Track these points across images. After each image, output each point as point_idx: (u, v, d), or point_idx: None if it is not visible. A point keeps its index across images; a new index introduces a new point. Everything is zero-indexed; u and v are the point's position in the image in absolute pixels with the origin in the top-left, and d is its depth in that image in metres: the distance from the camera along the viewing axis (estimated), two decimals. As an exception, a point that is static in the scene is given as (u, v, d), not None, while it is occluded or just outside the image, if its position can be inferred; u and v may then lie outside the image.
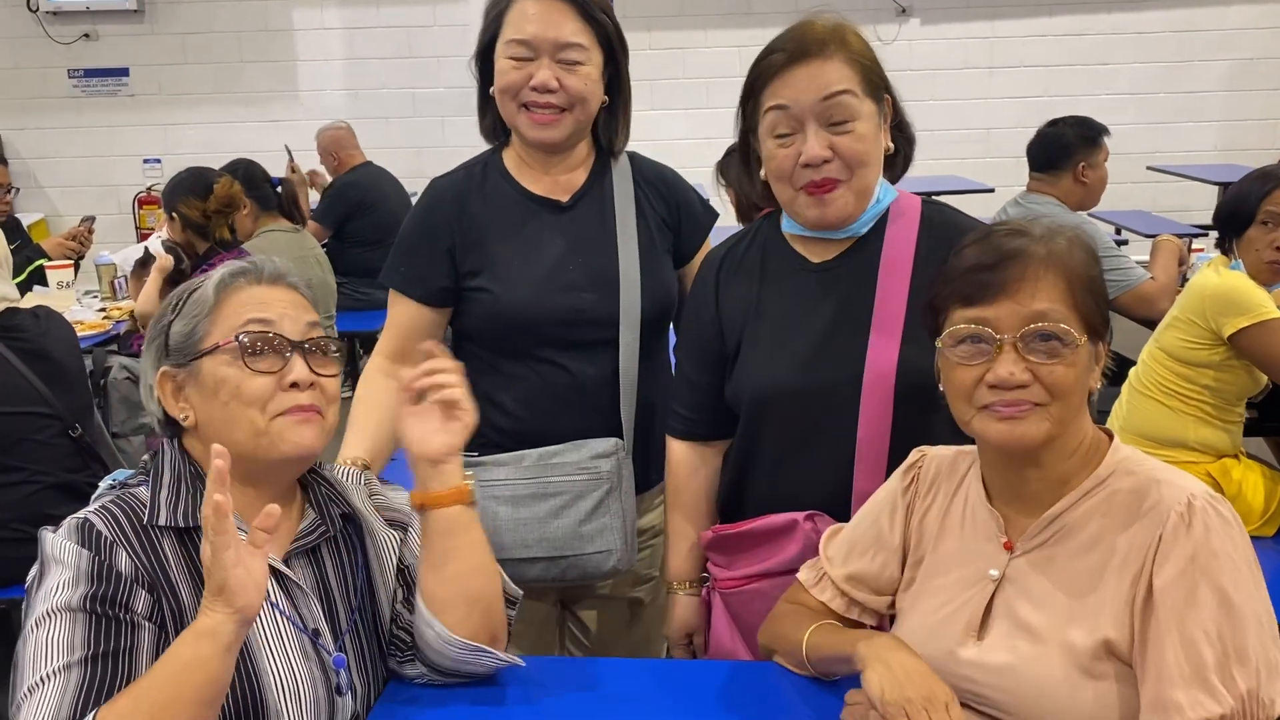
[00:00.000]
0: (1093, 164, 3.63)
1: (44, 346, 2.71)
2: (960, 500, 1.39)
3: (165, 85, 7.54)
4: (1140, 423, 2.75)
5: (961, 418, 1.31)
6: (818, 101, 1.52)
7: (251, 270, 1.39)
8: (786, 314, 1.63)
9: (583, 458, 1.84)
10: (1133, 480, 1.26)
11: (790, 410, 1.61)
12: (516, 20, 1.78)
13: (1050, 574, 1.28)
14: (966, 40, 7.45)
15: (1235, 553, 1.19)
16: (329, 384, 1.37)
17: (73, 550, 1.23)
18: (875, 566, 1.45)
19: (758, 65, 1.59)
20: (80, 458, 2.71)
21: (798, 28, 1.58)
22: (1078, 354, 1.24)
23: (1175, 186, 6.42)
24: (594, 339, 1.84)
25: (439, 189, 1.90)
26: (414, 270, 1.87)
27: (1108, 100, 7.25)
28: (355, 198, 5.59)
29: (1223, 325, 2.57)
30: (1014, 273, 1.25)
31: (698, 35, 7.40)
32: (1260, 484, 2.71)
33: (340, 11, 7.45)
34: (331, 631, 1.37)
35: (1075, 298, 1.25)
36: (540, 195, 1.87)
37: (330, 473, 1.49)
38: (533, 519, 1.84)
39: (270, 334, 1.33)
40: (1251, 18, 7.43)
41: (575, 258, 1.84)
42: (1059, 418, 1.25)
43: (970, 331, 1.26)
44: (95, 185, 7.60)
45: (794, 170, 1.55)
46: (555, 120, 1.79)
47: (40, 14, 7.37)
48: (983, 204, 5.32)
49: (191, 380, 1.34)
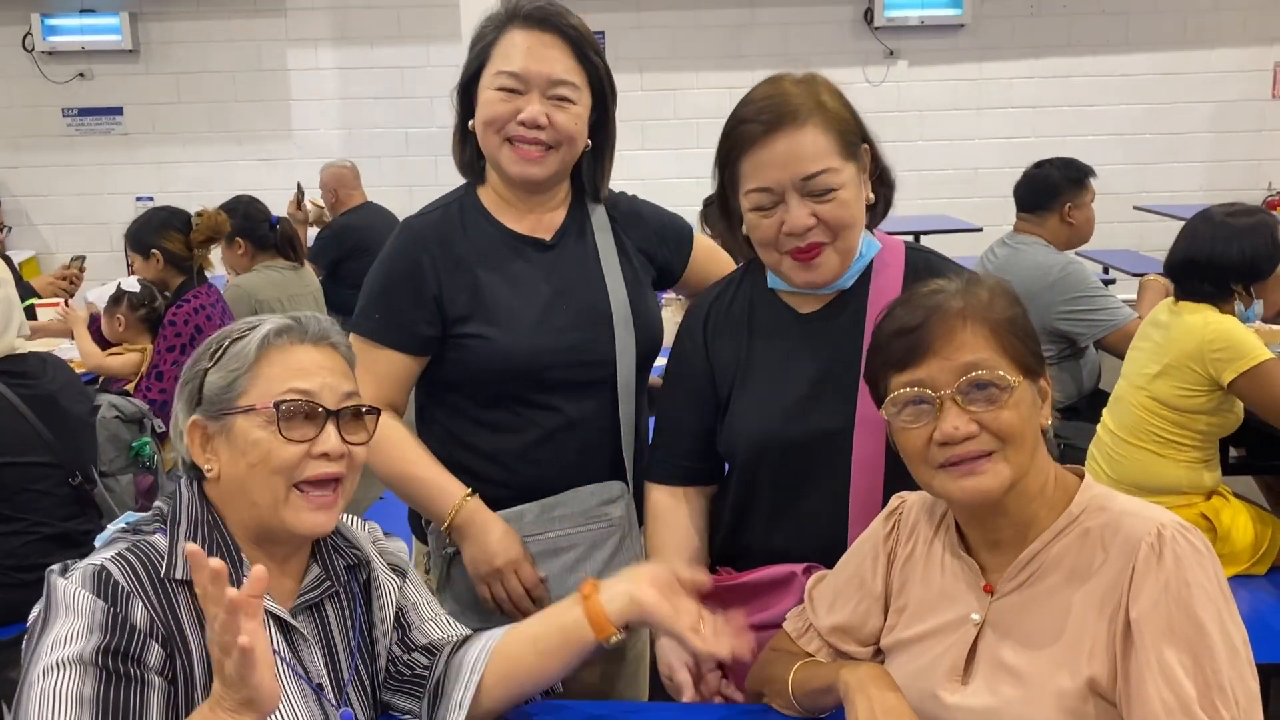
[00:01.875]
0: (1079, 205, 3.65)
1: (50, 392, 2.67)
2: (939, 545, 1.40)
3: (159, 124, 7.58)
4: (1134, 473, 2.75)
5: (922, 479, 1.31)
6: (798, 180, 1.51)
7: (297, 329, 1.35)
8: (776, 366, 1.63)
9: (590, 506, 1.77)
10: (1104, 516, 1.27)
11: (783, 461, 1.61)
12: (507, 52, 1.72)
13: (1030, 615, 1.28)
14: (954, 81, 7.54)
15: (1208, 582, 1.19)
16: (358, 453, 1.35)
17: (87, 600, 1.20)
18: (859, 616, 1.45)
19: (732, 135, 1.56)
20: (78, 504, 2.68)
21: (771, 93, 1.54)
22: (1017, 396, 1.26)
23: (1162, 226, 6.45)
24: (590, 379, 1.78)
25: (417, 230, 1.79)
26: (393, 317, 1.75)
27: (1095, 141, 7.34)
28: (350, 241, 5.60)
29: (1222, 371, 2.59)
30: (936, 330, 1.27)
31: (688, 77, 7.48)
32: (1250, 524, 2.72)
33: (334, 52, 7.51)
34: (334, 683, 1.36)
35: (1001, 342, 1.27)
36: (524, 234, 1.80)
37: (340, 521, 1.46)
38: (550, 576, 1.75)
39: (309, 403, 1.30)
40: (1235, 61, 7.54)
41: (567, 297, 1.78)
42: (1015, 462, 1.26)
43: (909, 395, 1.28)
44: (87, 223, 7.61)
45: (778, 238, 1.54)
46: (541, 157, 1.73)
47: (36, 54, 7.42)
48: (971, 243, 5.37)
49: (222, 434, 1.31)
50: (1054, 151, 4.10)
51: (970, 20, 7.42)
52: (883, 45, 7.48)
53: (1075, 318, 3.51)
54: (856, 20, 7.49)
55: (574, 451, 1.78)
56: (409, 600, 1.47)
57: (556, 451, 1.77)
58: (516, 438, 1.77)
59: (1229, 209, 2.78)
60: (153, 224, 3.85)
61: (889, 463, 1.55)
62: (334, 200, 5.82)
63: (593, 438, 1.80)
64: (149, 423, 3.35)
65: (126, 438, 3.33)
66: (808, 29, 7.43)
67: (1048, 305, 3.51)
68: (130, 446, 3.32)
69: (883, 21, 7.37)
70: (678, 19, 7.47)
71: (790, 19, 7.45)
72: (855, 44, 7.44)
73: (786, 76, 1.58)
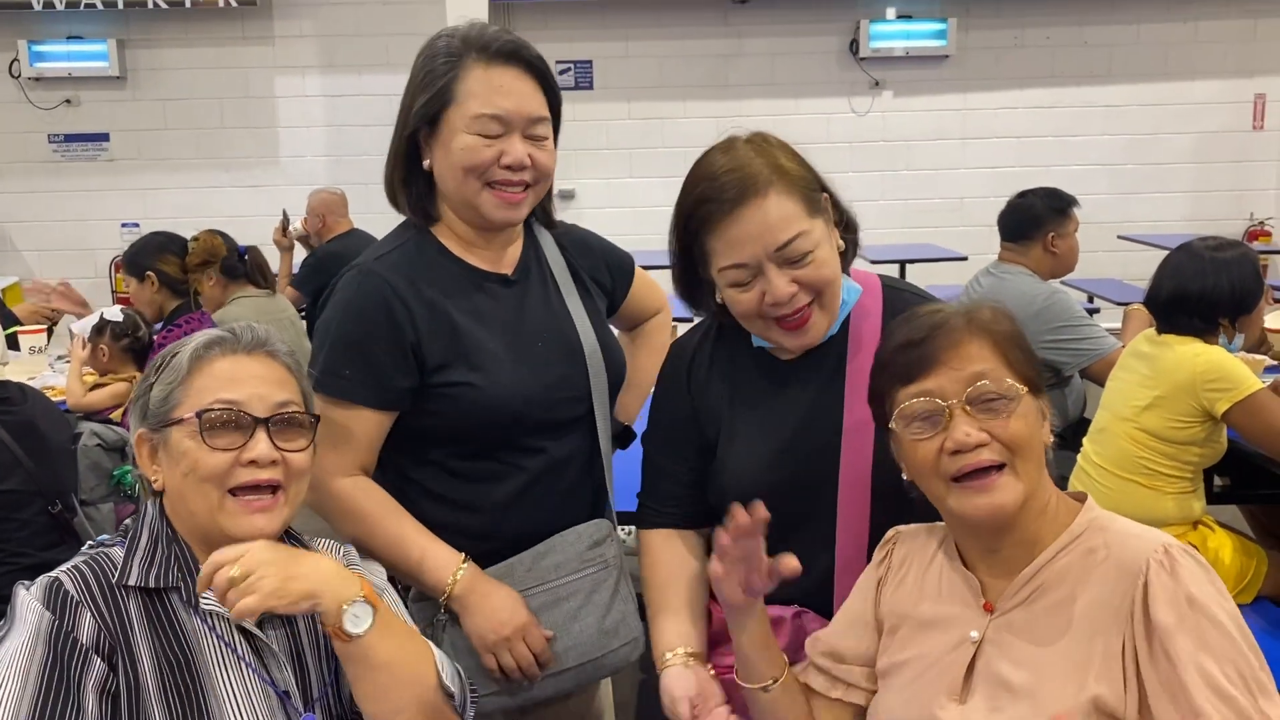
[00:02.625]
0: (1062, 234, 3.67)
1: (30, 419, 2.66)
2: (936, 568, 1.40)
3: (145, 150, 7.57)
4: (1123, 506, 2.73)
5: (935, 494, 1.31)
6: (772, 251, 1.47)
7: (229, 340, 1.37)
8: (759, 414, 1.61)
9: (581, 550, 1.72)
10: (1105, 535, 1.28)
11: (770, 507, 1.60)
12: (482, 93, 1.61)
13: (1031, 633, 1.28)
14: (939, 112, 7.60)
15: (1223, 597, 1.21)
16: (295, 459, 1.35)
17: (35, 610, 1.24)
18: (851, 642, 1.45)
19: (696, 215, 1.50)
20: (57, 533, 2.66)
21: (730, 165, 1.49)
22: (1023, 406, 1.28)
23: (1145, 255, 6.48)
24: (568, 416, 1.72)
25: (380, 276, 1.64)
26: (367, 372, 1.61)
27: (1079, 171, 7.40)
28: (336, 268, 5.54)
29: (1216, 402, 2.60)
30: (943, 342, 1.30)
31: (676, 106, 7.51)
32: (1235, 553, 2.72)
33: (322, 79, 7.53)
34: (303, 695, 1.35)
35: (1006, 355, 1.31)
36: (488, 270, 1.71)
37: (310, 543, 1.47)
38: (554, 628, 1.68)
39: (235, 411, 1.32)
40: (1216, 93, 7.63)
41: (540, 333, 1.71)
42: (1026, 474, 1.27)
43: (919, 406, 1.29)
44: (72, 249, 7.58)
45: (761, 308, 1.51)
46: (522, 199, 1.65)
47: (22, 79, 7.41)
48: (956, 272, 5.39)
49: (163, 446, 1.36)
50: (1038, 181, 4.13)
51: (955, 52, 7.49)
52: (868, 76, 7.54)
53: (1060, 347, 3.52)
54: (842, 51, 7.55)
55: (557, 493, 1.72)
56: None
57: (541, 496, 1.70)
58: (499, 486, 1.69)
59: (1211, 243, 2.79)
60: (149, 247, 3.84)
61: (874, 507, 1.54)
62: (321, 226, 5.80)
63: (574, 476, 1.75)
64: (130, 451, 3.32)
65: (108, 466, 3.30)
66: (794, 59, 7.49)
67: (1033, 334, 3.47)
68: (111, 475, 3.29)
69: (868, 52, 7.43)
70: (665, 49, 7.52)
71: (776, 49, 7.51)
72: (841, 75, 7.49)
73: (738, 141, 1.54)
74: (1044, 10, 7.51)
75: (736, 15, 7.48)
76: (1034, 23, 7.54)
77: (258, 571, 1.25)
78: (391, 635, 1.35)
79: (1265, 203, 7.75)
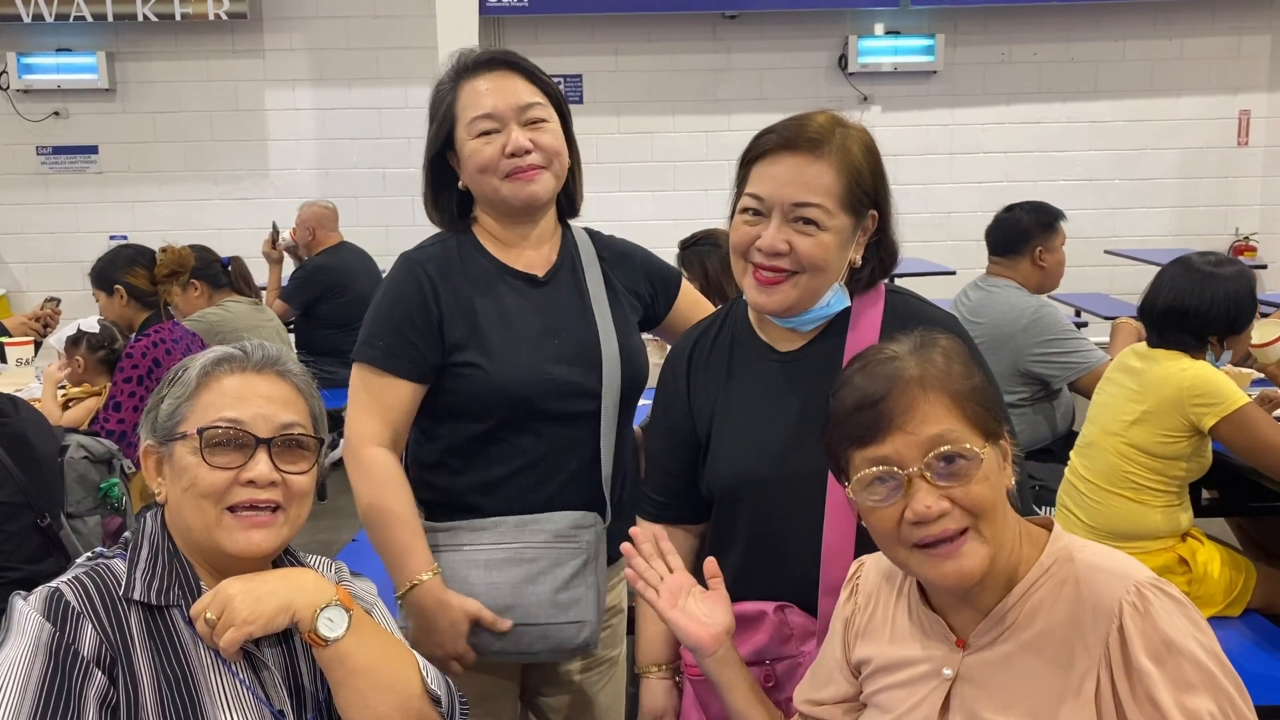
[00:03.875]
0: (1049, 248, 3.69)
1: (21, 431, 2.65)
2: (904, 604, 1.39)
3: (134, 163, 7.55)
4: (1113, 520, 2.75)
5: (897, 560, 1.29)
6: (789, 203, 1.53)
7: (239, 357, 1.37)
8: (754, 405, 1.64)
9: (562, 527, 1.81)
10: (1074, 568, 1.26)
11: (759, 500, 1.61)
12: (471, 101, 1.79)
13: (1006, 670, 1.27)
14: (927, 127, 7.64)
15: (1200, 632, 1.20)
16: (296, 481, 1.34)
17: (36, 622, 1.23)
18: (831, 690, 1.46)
19: (756, 140, 1.60)
20: (45, 546, 2.64)
21: (802, 116, 1.58)
22: (985, 467, 1.23)
23: (1132, 270, 6.54)
24: (577, 411, 1.83)
25: (417, 262, 1.84)
26: (399, 344, 1.79)
27: (1066, 186, 7.44)
28: (325, 281, 5.61)
29: (1203, 417, 2.61)
30: (897, 403, 1.24)
31: (665, 120, 7.53)
32: (1223, 566, 2.73)
33: (312, 92, 7.53)
34: (297, 715, 1.35)
35: (964, 411, 1.25)
36: (519, 269, 1.86)
37: (305, 559, 1.47)
38: (507, 584, 1.79)
39: (236, 430, 1.32)
40: (1200, 109, 7.68)
41: (559, 331, 1.83)
42: (991, 536, 1.23)
43: (876, 474, 1.24)
44: (60, 261, 7.55)
45: (749, 248, 1.57)
46: (537, 175, 1.79)
47: (11, 92, 7.39)
48: (945, 286, 5.42)
49: (168, 460, 1.35)
50: (1026, 196, 4.15)
51: (943, 67, 7.53)
52: (856, 91, 7.57)
53: (1048, 360, 3.54)
54: (831, 66, 7.58)
55: (556, 481, 1.82)
56: None
57: (540, 480, 1.82)
58: (497, 465, 1.81)
59: (1210, 259, 2.80)
60: (118, 260, 3.85)
61: None
62: (311, 239, 5.81)
63: (575, 468, 1.83)
64: (118, 463, 3.31)
65: (95, 478, 3.28)
66: (782, 74, 7.52)
67: (1021, 348, 3.53)
68: (99, 487, 3.27)
69: (856, 68, 7.47)
70: (654, 63, 7.54)
71: (765, 64, 7.54)
72: (829, 89, 7.52)
73: (828, 111, 1.61)
74: (1031, 27, 7.56)
75: (726, 30, 7.52)
76: (1021, 39, 7.59)
77: (229, 605, 1.26)
78: (370, 640, 1.34)
79: (1250, 218, 7.80)
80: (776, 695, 1.60)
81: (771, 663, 1.61)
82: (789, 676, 1.60)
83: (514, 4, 7.11)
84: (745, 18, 7.45)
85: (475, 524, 1.81)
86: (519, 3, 7.11)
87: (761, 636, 1.58)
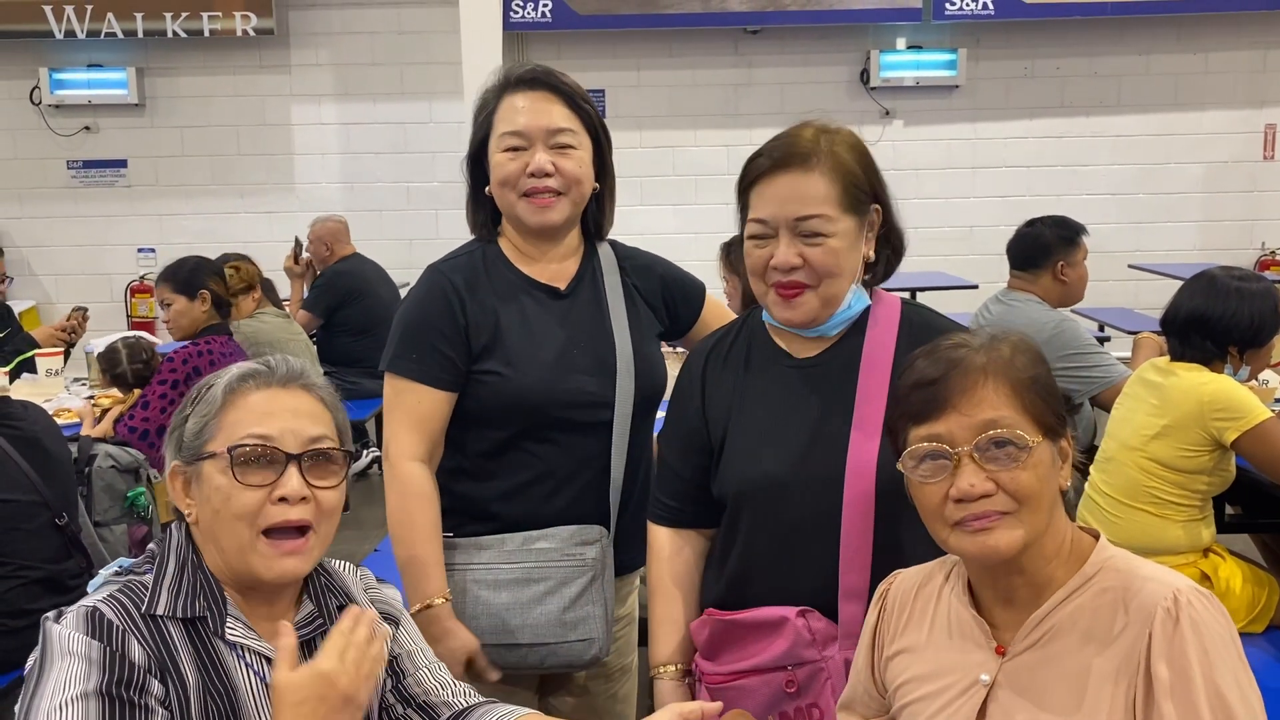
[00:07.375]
0: (1071, 263, 3.68)
1: (35, 434, 2.72)
2: (944, 610, 1.39)
3: (162, 176, 7.65)
4: (1133, 535, 2.73)
5: (937, 536, 1.31)
6: (792, 219, 1.57)
7: (264, 373, 1.35)
8: (769, 409, 1.66)
9: (567, 544, 1.84)
10: (1118, 577, 1.26)
11: (775, 505, 1.62)
12: (507, 115, 1.84)
13: (1043, 676, 1.27)
14: (949, 141, 7.63)
15: (1225, 649, 1.20)
16: (326, 497, 1.33)
17: (82, 641, 1.21)
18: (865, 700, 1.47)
19: (748, 166, 1.64)
20: (65, 548, 2.68)
21: (788, 134, 1.62)
22: (1035, 456, 1.25)
23: (1156, 285, 6.51)
24: (591, 421, 1.86)
25: (445, 273, 1.89)
26: (430, 354, 1.82)
27: (1089, 200, 7.41)
28: (345, 286, 5.68)
29: (1224, 431, 2.60)
30: (957, 385, 1.27)
31: (687, 134, 7.56)
32: (1246, 582, 2.71)
33: (337, 107, 7.61)
34: None
35: (1022, 400, 1.26)
36: (542, 282, 1.90)
37: (330, 564, 1.48)
38: (515, 604, 1.83)
39: (266, 447, 1.30)
40: (1226, 123, 7.64)
41: (578, 343, 1.87)
42: (1030, 523, 1.25)
43: (927, 449, 1.27)
44: (88, 273, 7.65)
45: (765, 270, 1.61)
46: (553, 203, 1.83)
47: (43, 106, 7.51)
48: (966, 300, 5.40)
49: (196, 479, 1.33)
50: (1049, 210, 4.14)
51: (965, 81, 7.52)
52: (878, 105, 7.58)
53: (1070, 375, 3.52)
54: (852, 81, 7.60)
55: (565, 490, 1.86)
56: (402, 648, 1.47)
57: (550, 488, 1.86)
58: (522, 474, 1.85)
59: (1236, 273, 2.80)
60: (204, 267, 3.90)
61: (879, 509, 1.56)
62: (328, 254, 5.90)
63: (585, 477, 1.87)
64: (144, 473, 3.35)
65: (122, 488, 3.32)
66: (804, 89, 7.53)
67: (1042, 362, 3.52)
68: (125, 496, 3.32)
69: (878, 82, 7.47)
70: (676, 78, 7.58)
71: (787, 79, 7.56)
72: (851, 104, 7.53)
73: (813, 123, 1.64)
74: (1054, 41, 7.55)
75: (747, 45, 7.55)
76: (1044, 53, 7.58)
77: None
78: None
79: (1276, 233, 7.73)
80: (799, 701, 1.61)
81: (793, 668, 1.61)
82: (811, 681, 1.61)
83: (538, 19, 7.17)
84: (767, 32, 7.48)
85: (479, 541, 1.85)
86: (542, 18, 7.17)
87: (783, 642, 1.59)
